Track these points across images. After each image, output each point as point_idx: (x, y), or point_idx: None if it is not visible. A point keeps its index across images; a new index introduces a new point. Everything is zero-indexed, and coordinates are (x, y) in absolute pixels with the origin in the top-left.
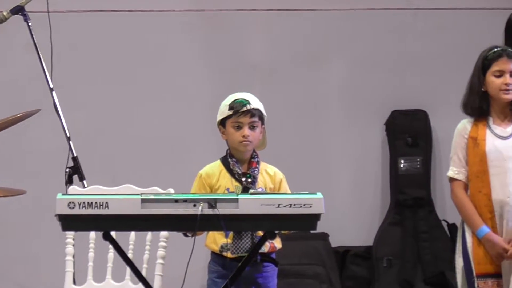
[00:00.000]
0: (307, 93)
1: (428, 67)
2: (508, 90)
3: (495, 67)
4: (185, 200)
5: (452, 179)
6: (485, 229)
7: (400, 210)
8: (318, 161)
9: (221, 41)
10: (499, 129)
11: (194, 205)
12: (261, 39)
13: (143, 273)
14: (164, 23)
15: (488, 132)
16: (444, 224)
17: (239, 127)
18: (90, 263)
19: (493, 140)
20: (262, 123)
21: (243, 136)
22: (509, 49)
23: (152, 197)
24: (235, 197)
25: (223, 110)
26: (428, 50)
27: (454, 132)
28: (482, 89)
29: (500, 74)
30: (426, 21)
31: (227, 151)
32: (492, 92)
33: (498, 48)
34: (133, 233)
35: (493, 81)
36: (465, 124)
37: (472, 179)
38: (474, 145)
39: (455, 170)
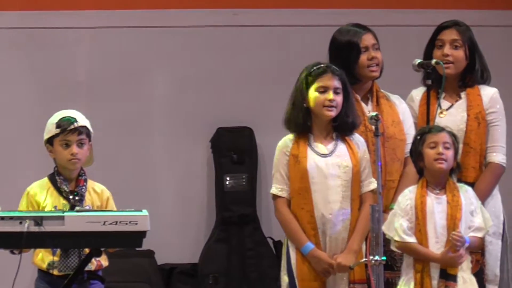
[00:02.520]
0: (132, 109)
1: (253, 84)
2: (331, 106)
3: (319, 83)
4: (11, 218)
5: (275, 196)
6: (310, 246)
7: (226, 227)
8: (144, 178)
9: (46, 59)
10: (320, 147)
11: (20, 223)
12: (86, 56)
13: None
14: None
15: (309, 149)
16: (270, 241)
17: (67, 145)
18: None
19: (314, 158)
20: (89, 140)
21: (72, 154)
22: (333, 66)
23: None
24: (61, 214)
25: (50, 129)
26: (253, 67)
27: None
28: (305, 105)
29: (324, 90)
30: (250, 38)
31: (54, 168)
32: (315, 108)
33: (322, 65)
34: None
35: (317, 97)
36: (286, 141)
37: (294, 196)
38: (296, 163)
39: (278, 187)
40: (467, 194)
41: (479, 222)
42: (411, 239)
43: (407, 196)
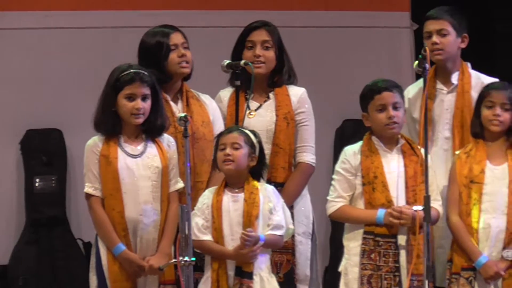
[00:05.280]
0: None
1: (62, 85)
2: (138, 114)
3: (127, 90)
4: None
5: (88, 195)
6: (121, 247)
7: (36, 229)
8: None
9: None
10: (130, 148)
11: None
12: None
13: None
14: None
15: (119, 150)
16: (80, 243)
17: None
18: None
19: (124, 159)
20: None
21: None
22: (142, 72)
23: None
24: None
25: None
26: (62, 69)
27: None
28: (113, 109)
29: (132, 98)
30: (60, 40)
31: None
32: (123, 115)
33: (132, 70)
34: None
35: (124, 105)
36: (96, 141)
37: (106, 197)
38: (107, 164)
39: (91, 186)
40: (266, 193)
41: (278, 220)
42: (206, 237)
43: (206, 196)
